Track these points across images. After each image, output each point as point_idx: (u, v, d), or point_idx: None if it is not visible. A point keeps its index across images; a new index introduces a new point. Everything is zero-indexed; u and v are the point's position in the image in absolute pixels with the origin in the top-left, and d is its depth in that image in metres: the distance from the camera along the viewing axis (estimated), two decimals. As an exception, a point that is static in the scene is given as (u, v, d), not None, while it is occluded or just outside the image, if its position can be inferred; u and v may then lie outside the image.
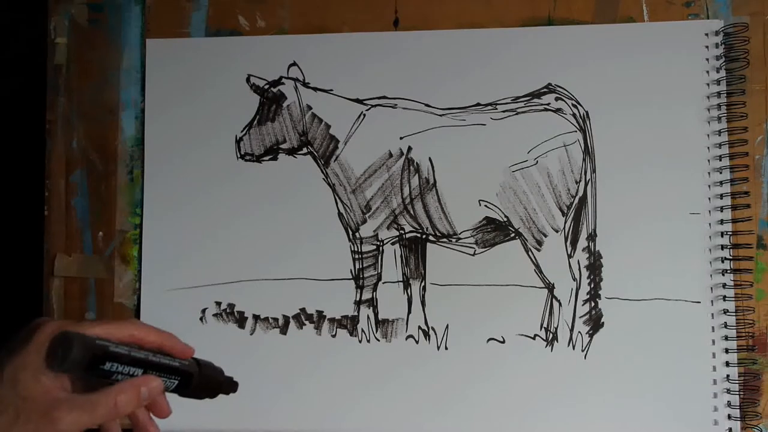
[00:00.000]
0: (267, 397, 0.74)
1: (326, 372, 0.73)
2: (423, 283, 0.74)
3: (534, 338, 0.72)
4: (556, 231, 0.73)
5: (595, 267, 0.72)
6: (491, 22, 0.75)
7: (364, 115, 0.75)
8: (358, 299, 0.74)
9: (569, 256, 0.73)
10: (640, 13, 0.74)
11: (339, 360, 0.74)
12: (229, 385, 0.53)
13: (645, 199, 0.72)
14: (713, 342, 0.70)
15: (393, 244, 0.74)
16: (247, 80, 0.76)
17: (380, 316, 0.74)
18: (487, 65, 0.75)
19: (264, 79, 0.76)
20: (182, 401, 0.74)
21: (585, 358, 0.72)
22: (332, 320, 0.74)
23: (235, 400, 0.74)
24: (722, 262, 0.71)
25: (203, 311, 0.75)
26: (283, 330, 0.74)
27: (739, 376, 0.70)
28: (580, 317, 0.72)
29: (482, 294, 0.73)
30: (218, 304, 0.75)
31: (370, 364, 0.73)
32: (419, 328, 0.73)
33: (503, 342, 0.72)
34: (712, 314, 0.71)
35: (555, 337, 0.72)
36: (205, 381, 0.51)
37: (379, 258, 0.74)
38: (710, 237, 0.71)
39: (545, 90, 0.74)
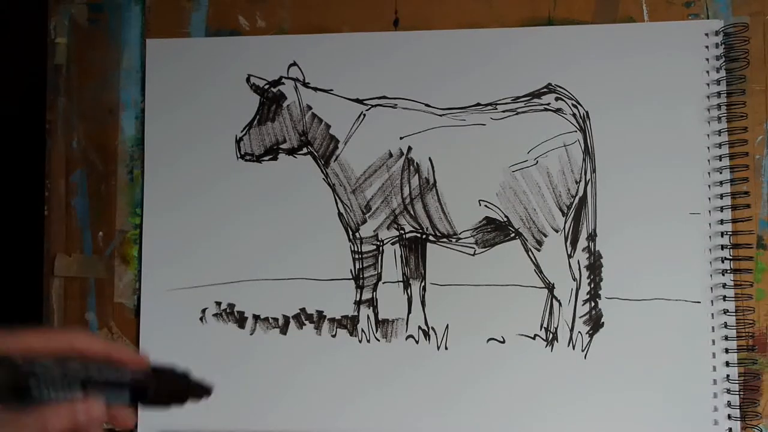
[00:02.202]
0: (267, 397, 0.74)
1: (326, 372, 0.73)
2: (423, 283, 0.74)
3: (534, 338, 0.72)
4: (556, 231, 0.73)
5: (595, 267, 0.72)
6: (491, 22, 0.75)
7: (364, 115, 0.75)
8: (358, 299, 0.74)
9: (569, 256, 0.73)
10: (640, 13, 0.74)
11: (339, 360, 0.74)
12: (198, 390, 0.48)
13: (645, 199, 0.72)
14: (713, 342, 0.70)
15: (393, 244, 0.74)
16: (247, 80, 0.77)
17: (380, 316, 0.74)
18: (487, 65, 0.75)
19: (264, 79, 0.76)
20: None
21: (585, 358, 0.72)
22: (332, 320, 0.74)
23: (236, 400, 0.74)
24: (722, 262, 0.71)
25: (203, 311, 0.75)
26: (283, 330, 0.74)
27: (739, 376, 0.70)
28: (580, 317, 0.72)
29: (482, 294, 0.73)
30: (218, 304, 0.75)
31: (370, 364, 0.73)
32: (419, 328, 0.73)
33: (503, 342, 0.72)
34: (712, 314, 0.71)
35: (555, 337, 0.72)
36: (165, 390, 0.46)
37: (379, 258, 0.74)
38: (710, 237, 0.71)
39: (545, 90, 0.74)
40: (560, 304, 0.72)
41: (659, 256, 0.71)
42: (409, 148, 0.74)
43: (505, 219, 0.73)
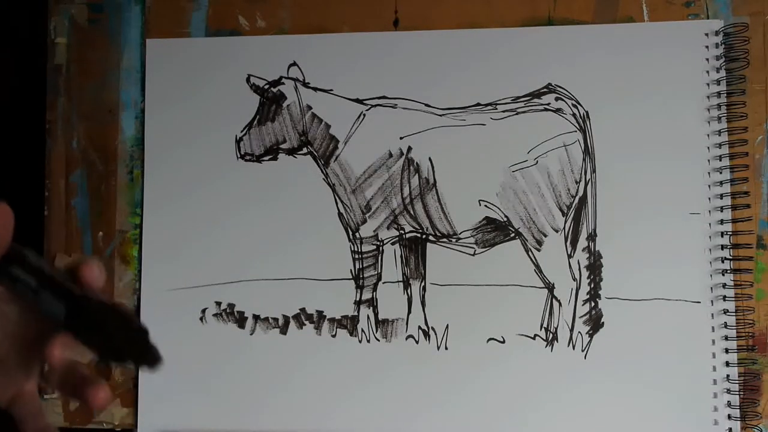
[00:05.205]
0: (267, 397, 0.74)
1: (326, 372, 0.73)
2: (423, 283, 0.74)
3: (534, 338, 0.72)
4: (556, 231, 0.73)
5: (595, 267, 0.72)
6: (491, 22, 0.75)
7: (364, 115, 0.75)
8: (358, 299, 0.74)
9: (569, 256, 0.73)
10: (640, 13, 0.74)
11: (339, 360, 0.74)
12: (142, 352, 0.41)
13: (645, 199, 0.72)
14: (713, 342, 0.70)
15: (393, 244, 0.74)
16: (247, 80, 0.77)
17: (380, 316, 0.74)
18: (487, 65, 0.75)
19: (264, 79, 0.76)
20: (185, 400, 0.74)
21: (585, 358, 0.72)
22: (332, 320, 0.74)
23: (235, 400, 0.74)
24: (722, 262, 0.71)
25: (203, 311, 0.75)
26: (283, 330, 0.74)
27: (739, 376, 0.70)
28: (580, 317, 0.72)
29: (482, 294, 0.73)
30: (218, 304, 0.75)
31: (370, 364, 0.73)
32: (419, 328, 0.73)
33: (503, 342, 0.72)
34: (712, 314, 0.71)
35: (555, 337, 0.72)
36: (99, 325, 0.40)
37: (379, 258, 0.74)
38: (710, 237, 0.71)
39: (545, 90, 0.74)
40: (560, 304, 0.72)
41: (659, 256, 0.71)
42: (409, 148, 0.74)
43: (505, 219, 0.73)
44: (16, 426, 0.42)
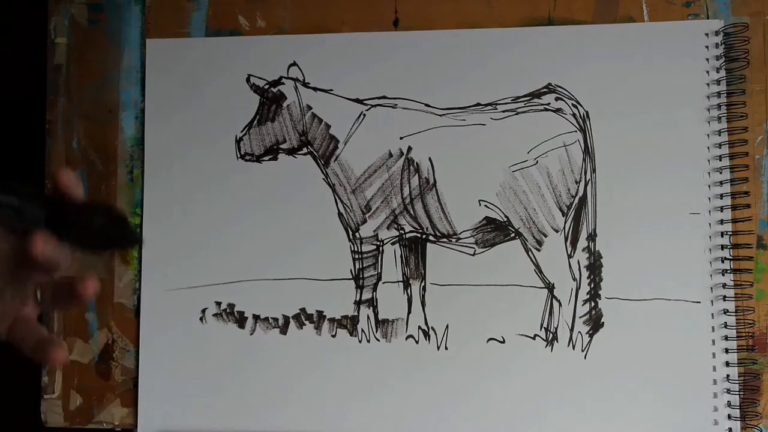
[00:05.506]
0: (267, 398, 0.74)
1: (326, 372, 0.73)
2: (423, 283, 0.74)
3: (534, 338, 0.72)
4: (556, 231, 0.73)
5: (595, 267, 0.72)
6: (491, 22, 0.75)
7: (364, 115, 0.75)
8: (358, 299, 0.74)
9: (569, 256, 0.73)
10: (640, 13, 0.74)
11: (339, 360, 0.74)
12: (120, 235, 0.42)
13: (645, 199, 0.72)
14: (713, 342, 0.70)
15: (393, 244, 0.74)
16: (247, 80, 0.77)
17: (380, 316, 0.74)
18: (487, 65, 0.75)
19: (264, 79, 0.76)
20: (185, 400, 0.74)
21: (585, 358, 0.72)
22: (332, 320, 0.74)
23: (235, 400, 0.74)
24: (722, 262, 0.71)
25: (203, 311, 0.75)
26: (283, 330, 0.74)
27: (739, 376, 0.70)
28: (580, 317, 0.72)
29: (482, 294, 0.73)
30: (218, 304, 0.75)
31: (370, 364, 0.73)
32: (419, 328, 0.73)
33: (503, 342, 0.72)
34: (712, 314, 0.71)
35: (555, 337, 0.72)
36: (77, 220, 0.42)
37: (379, 258, 0.74)
38: (710, 237, 0.71)
39: (545, 90, 0.74)
40: (560, 304, 0.72)
41: (659, 256, 0.72)
42: (409, 148, 0.74)
43: (505, 219, 0.73)
44: (18, 353, 0.43)
